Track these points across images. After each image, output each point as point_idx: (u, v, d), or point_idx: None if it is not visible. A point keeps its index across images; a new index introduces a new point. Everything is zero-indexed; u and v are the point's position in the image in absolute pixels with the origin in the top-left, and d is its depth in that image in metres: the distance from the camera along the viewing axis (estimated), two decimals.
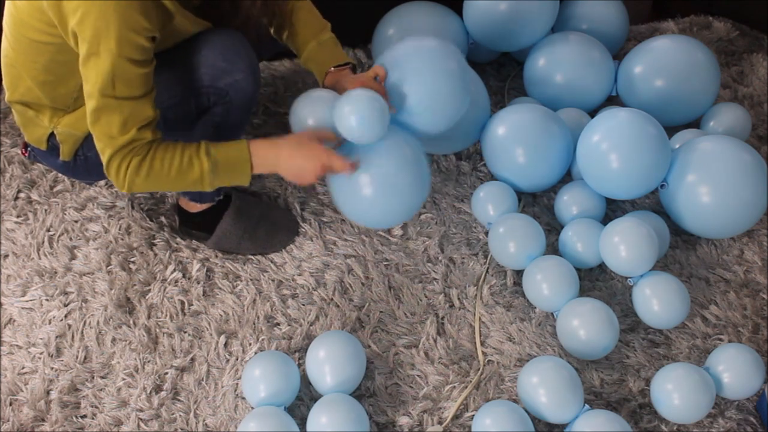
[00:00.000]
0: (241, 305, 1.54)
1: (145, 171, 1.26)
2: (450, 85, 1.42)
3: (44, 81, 1.33)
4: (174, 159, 1.27)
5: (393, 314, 1.54)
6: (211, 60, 1.32)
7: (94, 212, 1.66)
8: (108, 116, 1.22)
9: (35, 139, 1.44)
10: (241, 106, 1.39)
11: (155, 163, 1.26)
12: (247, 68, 1.35)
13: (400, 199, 1.40)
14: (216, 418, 1.39)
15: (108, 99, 1.20)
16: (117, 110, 1.21)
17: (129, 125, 1.23)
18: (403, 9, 1.87)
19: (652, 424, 1.40)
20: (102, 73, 1.18)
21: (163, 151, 1.27)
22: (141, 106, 1.23)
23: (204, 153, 1.28)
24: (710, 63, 1.77)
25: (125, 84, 1.20)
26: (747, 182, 1.55)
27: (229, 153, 1.29)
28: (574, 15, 1.93)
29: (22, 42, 1.29)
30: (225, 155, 1.29)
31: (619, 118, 1.57)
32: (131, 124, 1.23)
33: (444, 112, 1.44)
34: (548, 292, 1.49)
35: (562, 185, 1.71)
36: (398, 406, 1.42)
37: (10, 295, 1.54)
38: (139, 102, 1.23)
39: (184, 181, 1.29)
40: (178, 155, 1.27)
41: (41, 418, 1.39)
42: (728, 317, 1.54)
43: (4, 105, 1.84)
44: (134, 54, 1.18)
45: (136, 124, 1.23)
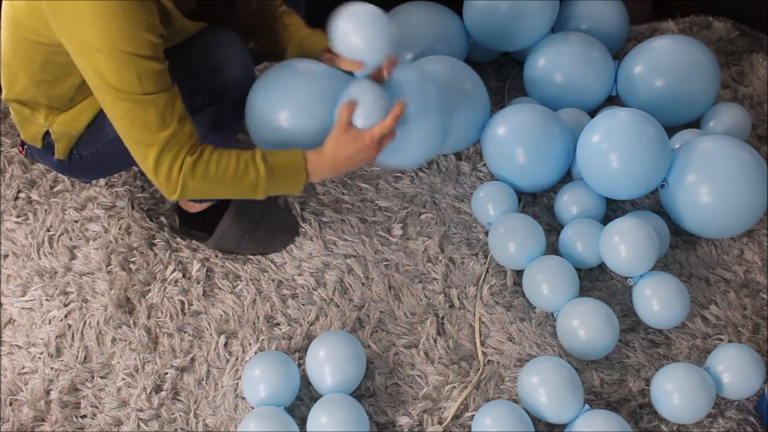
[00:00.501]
0: (241, 305, 1.54)
1: (200, 173, 1.24)
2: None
3: (41, 80, 1.33)
4: (230, 163, 1.25)
5: (393, 314, 1.54)
6: (206, 59, 1.32)
7: (94, 212, 1.66)
8: (142, 115, 1.19)
9: (31, 137, 1.45)
10: (236, 106, 1.38)
11: (210, 166, 1.24)
12: (241, 67, 1.35)
13: (432, 133, 1.38)
14: (216, 418, 1.39)
15: (137, 97, 1.18)
16: (151, 105, 1.19)
17: (167, 118, 1.21)
18: (403, 9, 1.87)
19: (652, 424, 1.40)
20: (125, 74, 1.17)
21: (219, 154, 1.25)
22: (173, 98, 1.22)
23: (260, 158, 1.27)
24: (710, 63, 1.77)
25: (150, 80, 1.18)
26: (747, 182, 1.55)
27: (284, 160, 1.29)
28: (574, 15, 1.94)
29: (19, 42, 1.29)
30: (281, 162, 1.28)
31: (619, 118, 1.57)
32: (169, 117, 1.21)
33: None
34: (548, 292, 1.49)
35: (562, 185, 1.71)
36: (398, 406, 1.42)
37: (10, 295, 1.54)
38: (168, 94, 1.21)
39: (238, 186, 1.28)
40: (234, 159, 1.26)
41: (41, 418, 1.39)
42: (728, 317, 1.54)
43: (4, 105, 1.84)
44: (148, 51, 1.17)
45: (175, 116, 1.21)
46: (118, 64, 1.16)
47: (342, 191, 1.73)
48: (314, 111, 1.33)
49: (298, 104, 1.33)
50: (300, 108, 1.33)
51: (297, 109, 1.33)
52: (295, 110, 1.33)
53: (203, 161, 1.25)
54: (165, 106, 1.21)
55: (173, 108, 1.22)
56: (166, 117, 1.21)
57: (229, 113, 1.39)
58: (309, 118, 1.33)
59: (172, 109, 1.21)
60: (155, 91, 1.19)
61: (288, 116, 1.32)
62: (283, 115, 1.32)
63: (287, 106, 1.32)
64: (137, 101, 1.19)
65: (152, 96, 1.19)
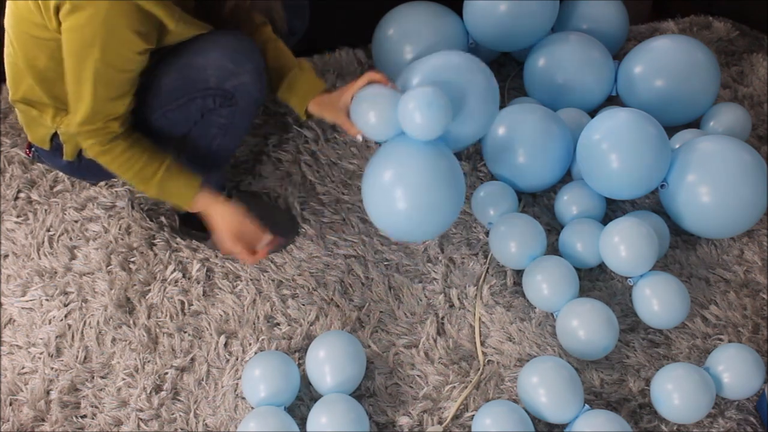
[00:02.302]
0: (241, 305, 1.54)
1: (104, 161, 1.34)
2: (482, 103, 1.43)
3: (45, 78, 1.33)
4: (131, 167, 1.34)
5: (393, 314, 1.54)
6: (218, 62, 1.32)
7: (94, 212, 1.66)
8: (76, 104, 1.28)
9: (38, 139, 1.44)
10: (246, 109, 1.38)
11: (114, 162, 1.34)
12: (253, 71, 1.35)
13: (435, 212, 1.39)
14: (216, 418, 1.39)
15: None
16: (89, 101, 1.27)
17: (96, 118, 1.29)
18: (403, 9, 1.87)
19: (652, 424, 1.40)
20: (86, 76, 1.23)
21: (127, 158, 1.33)
22: (123, 99, 1.29)
23: (157, 182, 1.34)
24: (710, 63, 1.77)
25: (104, 85, 1.25)
26: (747, 182, 1.55)
27: (180, 186, 1.37)
28: (574, 15, 1.93)
29: (22, 38, 1.29)
30: (176, 188, 1.37)
31: (619, 118, 1.57)
32: (99, 118, 1.29)
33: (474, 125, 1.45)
34: (548, 292, 1.49)
35: (562, 185, 1.71)
36: (398, 406, 1.42)
37: (10, 295, 1.54)
38: (114, 101, 1.28)
39: (134, 182, 1.37)
40: (137, 167, 1.34)
41: (41, 418, 1.39)
42: (728, 317, 1.54)
43: (4, 105, 1.84)
44: (120, 64, 1.24)
45: (104, 118, 1.29)
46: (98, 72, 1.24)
47: (342, 191, 1.73)
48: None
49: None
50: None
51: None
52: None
53: (110, 155, 1.32)
54: (102, 108, 1.28)
55: (113, 108, 1.29)
56: (101, 111, 1.28)
57: (239, 116, 1.39)
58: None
59: (111, 109, 1.29)
60: (115, 96, 1.28)
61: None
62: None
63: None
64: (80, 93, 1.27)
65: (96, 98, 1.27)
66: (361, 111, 1.36)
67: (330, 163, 1.78)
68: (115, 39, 1.19)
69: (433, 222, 1.41)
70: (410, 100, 1.31)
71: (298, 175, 1.75)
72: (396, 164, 1.37)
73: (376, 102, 1.36)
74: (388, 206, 1.38)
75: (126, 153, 1.33)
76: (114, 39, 1.19)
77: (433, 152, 1.37)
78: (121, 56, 1.22)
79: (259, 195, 1.71)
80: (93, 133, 1.30)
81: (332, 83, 1.94)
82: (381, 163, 1.39)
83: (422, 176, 1.35)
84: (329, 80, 1.95)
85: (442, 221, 1.43)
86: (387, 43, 1.85)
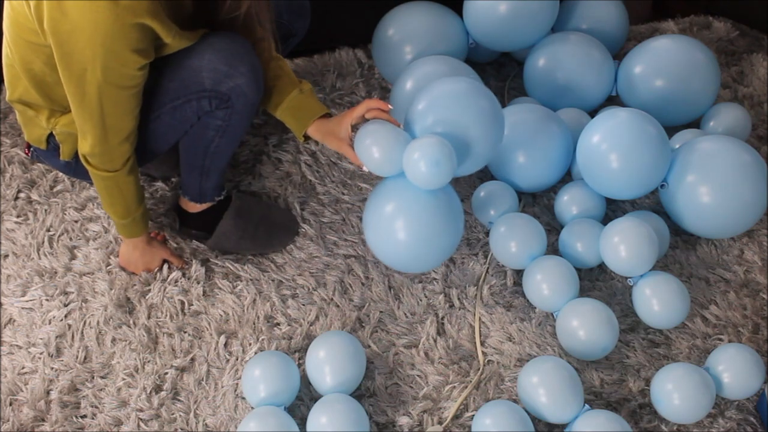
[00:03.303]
0: (241, 305, 1.54)
1: (108, 182, 1.40)
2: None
3: (40, 82, 1.33)
4: (116, 202, 1.43)
5: (393, 314, 1.54)
6: (213, 64, 1.32)
7: (94, 212, 1.66)
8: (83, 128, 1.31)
9: (35, 139, 1.45)
10: (242, 111, 1.38)
11: (115, 186, 1.41)
12: (249, 73, 1.34)
13: (433, 245, 1.42)
14: (216, 418, 1.39)
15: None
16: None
17: (110, 137, 1.32)
18: (403, 9, 1.87)
19: (652, 424, 1.40)
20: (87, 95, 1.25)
21: (107, 193, 1.42)
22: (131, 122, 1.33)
23: (119, 224, 1.48)
24: (710, 63, 1.77)
25: (111, 103, 1.27)
26: (747, 182, 1.55)
27: (132, 230, 1.49)
28: (574, 15, 1.93)
29: (18, 43, 1.29)
30: (129, 231, 1.49)
31: (619, 118, 1.57)
32: (112, 137, 1.32)
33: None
34: (548, 292, 1.49)
35: (562, 185, 1.71)
36: (398, 406, 1.42)
37: (10, 295, 1.54)
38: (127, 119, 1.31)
39: (105, 205, 1.46)
40: (116, 204, 1.44)
41: (41, 418, 1.39)
42: (728, 317, 1.54)
43: (4, 105, 1.84)
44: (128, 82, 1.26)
45: (117, 137, 1.33)
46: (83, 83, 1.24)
47: (342, 191, 1.73)
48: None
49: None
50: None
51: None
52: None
53: (104, 182, 1.39)
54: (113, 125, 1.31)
55: (123, 125, 1.32)
56: (112, 128, 1.31)
57: (236, 118, 1.39)
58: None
59: (121, 125, 1.32)
60: (123, 113, 1.30)
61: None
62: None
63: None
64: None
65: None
66: (364, 147, 1.38)
67: (330, 163, 1.78)
68: (115, 59, 1.19)
69: (432, 254, 1.45)
70: (415, 151, 1.33)
71: (298, 175, 1.75)
72: (397, 199, 1.40)
73: (380, 140, 1.37)
74: (389, 239, 1.42)
75: (127, 181, 1.39)
76: (114, 59, 1.19)
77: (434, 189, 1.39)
78: (124, 75, 1.23)
79: (259, 195, 1.71)
80: (107, 155, 1.34)
81: (332, 83, 1.95)
82: (382, 197, 1.42)
83: (422, 210, 1.39)
84: (329, 80, 1.95)
85: (441, 254, 1.46)
86: (387, 43, 1.85)
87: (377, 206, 1.43)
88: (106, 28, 1.15)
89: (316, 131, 1.47)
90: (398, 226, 1.39)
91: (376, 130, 1.38)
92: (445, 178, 1.34)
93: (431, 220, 1.40)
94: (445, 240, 1.44)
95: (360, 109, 1.40)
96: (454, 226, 1.44)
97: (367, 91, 1.94)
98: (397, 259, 1.46)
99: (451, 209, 1.43)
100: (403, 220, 1.39)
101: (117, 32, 1.16)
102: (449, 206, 1.43)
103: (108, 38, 1.16)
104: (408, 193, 1.39)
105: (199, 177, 1.51)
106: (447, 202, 1.42)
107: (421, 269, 1.55)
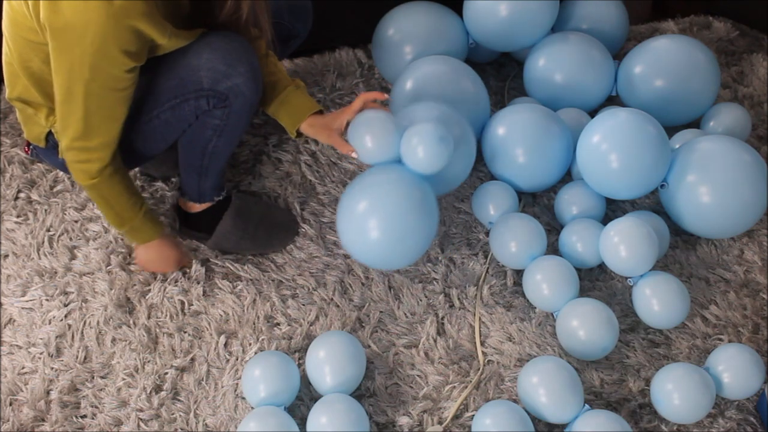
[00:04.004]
0: (241, 305, 1.54)
1: (93, 195, 1.40)
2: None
3: (39, 80, 1.33)
4: (106, 208, 1.42)
5: (393, 314, 1.54)
6: (211, 63, 1.32)
7: (94, 212, 1.66)
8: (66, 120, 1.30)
9: (35, 137, 1.45)
10: (241, 111, 1.38)
11: (96, 197, 1.40)
12: (247, 72, 1.34)
13: (406, 242, 1.40)
14: (216, 418, 1.39)
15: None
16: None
17: (91, 135, 1.31)
18: (403, 9, 1.87)
19: (652, 424, 1.40)
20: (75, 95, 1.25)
21: (104, 199, 1.40)
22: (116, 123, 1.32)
23: (125, 231, 1.46)
24: (710, 63, 1.77)
25: (97, 101, 1.26)
26: (747, 182, 1.55)
27: (145, 233, 1.48)
28: (574, 15, 1.93)
29: (17, 41, 1.29)
30: (142, 234, 1.48)
31: (619, 118, 1.57)
32: (94, 135, 1.31)
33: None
34: (548, 292, 1.49)
35: (562, 185, 1.71)
36: (398, 406, 1.42)
37: (10, 295, 1.54)
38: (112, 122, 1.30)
39: (107, 217, 1.46)
40: (112, 212, 1.42)
41: (41, 418, 1.39)
42: (728, 317, 1.54)
43: (4, 105, 1.84)
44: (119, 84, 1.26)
45: (98, 137, 1.31)
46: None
47: (342, 191, 1.73)
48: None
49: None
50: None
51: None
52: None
53: (96, 191, 1.39)
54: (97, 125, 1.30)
55: (107, 127, 1.31)
56: (96, 128, 1.30)
57: (234, 118, 1.39)
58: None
59: (104, 127, 1.31)
60: (109, 114, 1.30)
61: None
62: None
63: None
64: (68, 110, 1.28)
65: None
66: (358, 135, 1.39)
67: (330, 163, 1.78)
68: (104, 58, 1.19)
69: (404, 251, 1.42)
70: (415, 135, 1.36)
71: (298, 175, 1.75)
72: (370, 194, 1.39)
73: (374, 126, 1.38)
74: (361, 235, 1.39)
75: (112, 190, 1.39)
76: (103, 58, 1.19)
77: (409, 183, 1.39)
78: (112, 76, 1.23)
79: (259, 195, 1.71)
80: (85, 153, 1.32)
81: (332, 83, 1.94)
82: (356, 192, 1.40)
83: (395, 206, 1.37)
84: (329, 80, 1.95)
85: (413, 251, 1.44)
86: (387, 43, 1.85)
87: (350, 204, 1.40)
88: (98, 27, 1.15)
89: (308, 127, 1.48)
90: (371, 225, 1.36)
91: (370, 117, 1.39)
92: (447, 156, 1.37)
93: (405, 217, 1.37)
94: (420, 237, 1.41)
95: (357, 104, 1.42)
96: (429, 223, 1.42)
97: (367, 91, 1.94)
98: (371, 256, 1.43)
99: (425, 205, 1.41)
100: (375, 217, 1.37)
101: (109, 32, 1.16)
102: (424, 202, 1.40)
103: (98, 37, 1.16)
104: (381, 190, 1.38)
105: (197, 177, 1.51)
106: (422, 199, 1.40)
107: (394, 267, 1.54)
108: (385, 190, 1.38)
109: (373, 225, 1.36)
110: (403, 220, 1.37)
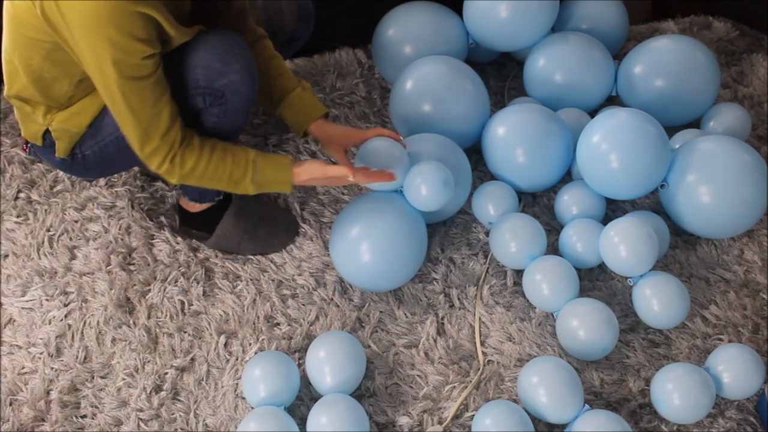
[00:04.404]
0: (241, 305, 1.54)
1: (193, 181, 1.35)
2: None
3: (38, 78, 1.33)
4: (223, 174, 1.35)
5: (393, 314, 1.54)
6: (206, 61, 1.32)
7: (94, 212, 1.66)
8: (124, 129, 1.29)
9: (32, 135, 1.45)
10: (237, 108, 1.38)
11: (206, 171, 1.34)
12: (242, 69, 1.34)
13: (394, 267, 1.50)
14: (216, 418, 1.39)
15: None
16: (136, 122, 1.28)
17: (151, 135, 1.29)
18: (403, 9, 1.87)
19: (652, 424, 1.40)
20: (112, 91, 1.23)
21: (216, 162, 1.34)
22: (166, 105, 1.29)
23: (249, 180, 1.36)
24: (710, 63, 1.77)
25: (137, 96, 1.24)
26: (747, 182, 1.55)
27: (272, 176, 1.38)
28: (574, 15, 1.93)
29: (18, 38, 1.29)
30: (269, 179, 1.38)
31: (619, 118, 1.57)
32: (153, 133, 1.29)
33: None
34: (548, 292, 1.49)
35: (562, 185, 1.71)
36: (398, 406, 1.42)
37: (10, 295, 1.54)
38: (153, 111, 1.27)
39: (227, 188, 1.38)
40: (228, 171, 1.35)
41: (41, 418, 1.39)
42: (728, 317, 1.54)
43: (4, 105, 1.84)
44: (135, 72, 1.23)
45: (158, 133, 1.28)
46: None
47: (342, 191, 1.73)
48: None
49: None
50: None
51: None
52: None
53: (193, 176, 1.33)
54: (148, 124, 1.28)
55: (159, 117, 1.28)
56: (151, 124, 1.28)
57: (231, 115, 1.39)
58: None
59: (157, 118, 1.28)
60: (153, 104, 1.27)
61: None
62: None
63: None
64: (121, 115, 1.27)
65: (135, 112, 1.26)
66: (365, 162, 1.45)
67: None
68: (119, 49, 1.19)
69: (392, 277, 1.52)
70: (419, 175, 1.45)
71: None
72: (363, 221, 1.48)
73: (381, 157, 1.45)
74: (353, 258, 1.48)
75: (209, 164, 1.34)
76: (118, 50, 1.19)
77: (405, 215, 1.50)
78: (133, 65, 1.22)
79: (259, 195, 1.71)
80: (158, 152, 1.30)
81: (332, 83, 1.95)
82: (349, 218, 1.50)
83: (388, 235, 1.47)
84: (329, 80, 1.95)
85: (400, 276, 1.53)
86: (387, 43, 1.85)
87: (343, 228, 1.49)
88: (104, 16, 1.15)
89: (317, 130, 1.50)
90: (364, 249, 1.46)
91: (380, 146, 1.46)
92: (447, 199, 1.47)
93: (396, 244, 1.47)
94: (408, 265, 1.51)
95: (370, 133, 1.48)
96: (418, 252, 1.52)
97: (367, 91, 1.94)
98: (362, 279, 1.52)
99: (416, 236, 1.51)
100: (367, 242, 1.46)
101: (116, 20, 1.16)
102: (416, 233, 1.51)
103: (106, 26, 1.15)
104: (377, 218, 1.48)
105: None
106: (415, 230, 1.51)
107: (380, 289, 1.57)
108: (381, 220, 1.48)
109: (365, 249, 1.47)
110: (394, 248, 1.47)
